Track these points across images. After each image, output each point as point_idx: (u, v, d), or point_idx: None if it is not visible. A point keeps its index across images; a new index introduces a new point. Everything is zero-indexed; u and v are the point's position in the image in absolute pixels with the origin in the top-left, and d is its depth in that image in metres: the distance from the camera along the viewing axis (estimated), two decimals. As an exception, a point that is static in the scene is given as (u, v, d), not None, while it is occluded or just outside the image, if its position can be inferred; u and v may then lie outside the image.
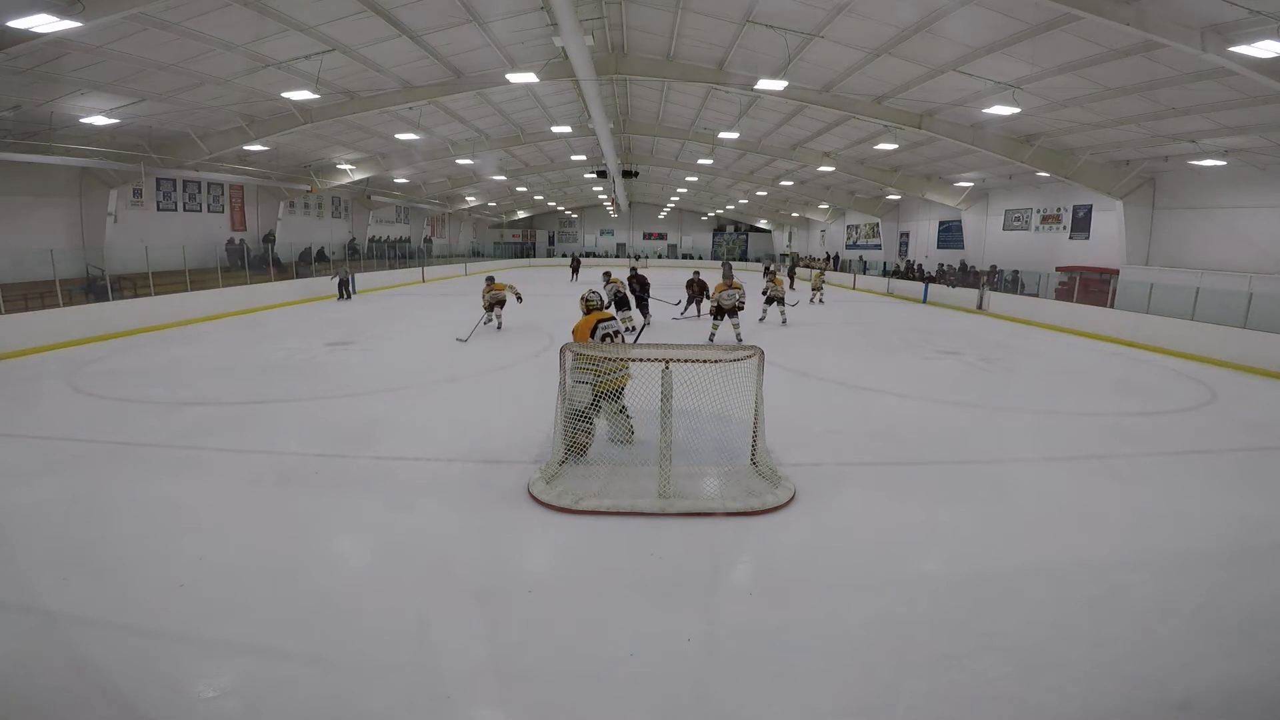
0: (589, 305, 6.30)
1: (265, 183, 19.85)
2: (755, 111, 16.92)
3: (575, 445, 5.16)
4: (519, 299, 13.14)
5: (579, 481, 4.83)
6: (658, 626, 3.18)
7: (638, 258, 43.74)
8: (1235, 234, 13.60)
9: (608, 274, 13.40)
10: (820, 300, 20.22)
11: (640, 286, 14.12)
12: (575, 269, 31.07)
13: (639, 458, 5.24)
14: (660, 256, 46.25)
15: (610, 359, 5.11)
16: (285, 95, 11.84)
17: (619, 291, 13.36)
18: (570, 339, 5.55)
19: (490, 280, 13.13)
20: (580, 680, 2.81)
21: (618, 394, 5.40)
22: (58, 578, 3.47)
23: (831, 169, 20.66)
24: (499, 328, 12.88)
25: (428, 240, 34.08)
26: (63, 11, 7.14)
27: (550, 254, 46.44)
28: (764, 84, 11.50)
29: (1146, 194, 15.32)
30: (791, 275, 31.34)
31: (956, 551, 4.06)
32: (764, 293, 15.01)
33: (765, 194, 31.86)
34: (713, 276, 13.93)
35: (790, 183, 27.27)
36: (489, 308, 12.87)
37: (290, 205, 22.25)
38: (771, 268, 21.05)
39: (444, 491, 4.84)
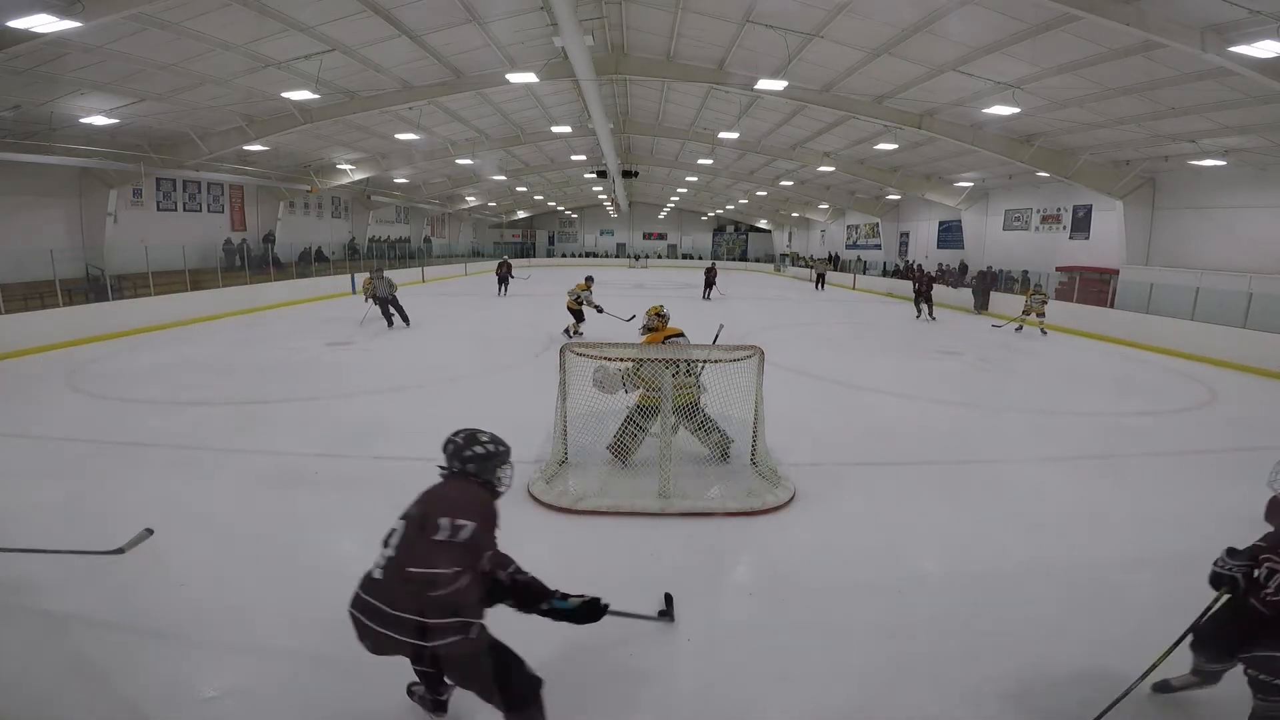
0: (661, 321, 5.97)
1: (265, 183, 19.85)
2: (755, 111, 16.91)
3: (620, 448, 5.08)
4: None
5: (579, 481, 4.83)
6: (658, 626, 3.18)
7: (637, 258, 43.73)
8: (1235, 234, 13.59)
9: (590, 279, 12.62)
10: (1041, 330, 14.27)
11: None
12: (503, 279, 20.78)
13: (639, 458, 5.23)
14: (660, 256, 46.25)
15: (675, 378, 4.88)
16: (285, 95, 11.84)
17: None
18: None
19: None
20: (580, 680, 2.81)
21: (692, 410, 5.13)
22: (58, 578, 3.47)
23: (831, 169, 20.66)
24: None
25: (427, 240, 34.06)
26: (63, 11, 7.14)
27: (550, 254, 46.38)
28: (764, 84, 11.51)
29: (1146, 194, 15.31)
30: (821, 280, 27.31)
31: (956, 551, 4.06)
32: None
33: (765, 194, 31.86)
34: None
35: (790, 183, 27.27)
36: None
37: (290, 205, 22.23)
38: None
39: (444, 491, 4.83)
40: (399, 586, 2.05)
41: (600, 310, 12.08)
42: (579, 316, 12.03)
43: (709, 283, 21.29)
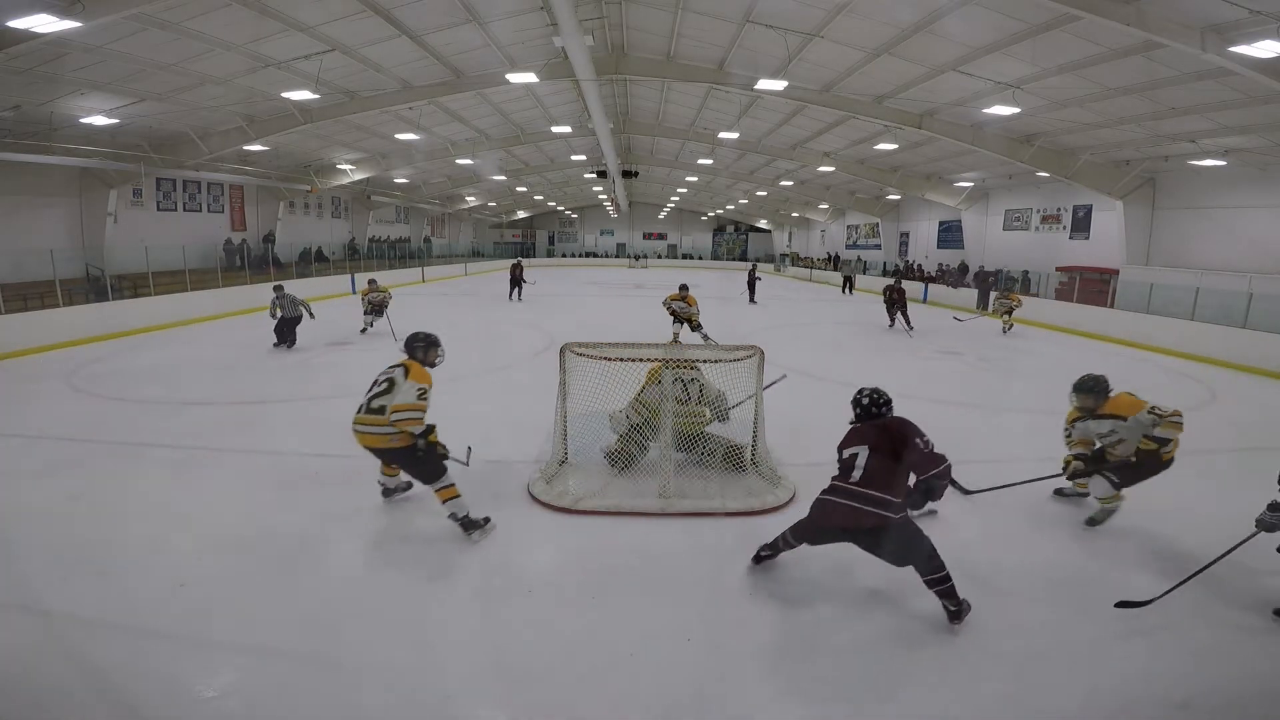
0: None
1: (265, 183, 19.85)
2: (755, 111, 16.91)
3: (624, 456, 5.03)
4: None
5: (579, 481, 4.83)
6: (658, 626, 3.18)
7: (637, 258, 43.72)
8: (1235, 234, 13.59)
9: (684, 287, 12.13)
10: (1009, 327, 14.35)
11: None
12: (516, 283, 19.46)
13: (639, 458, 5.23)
14: (660, 256, 46.24)
15: (681, 406, 4.99)
16: (285, 95, 11.85)
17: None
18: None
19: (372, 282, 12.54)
20: (580, 680, 2.81)
21: (697, 441, 5.05)
22: (58, 578, 3.47)
23: (831, 169, 20.66)
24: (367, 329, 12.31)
25: (427, 240, 34.06)
26: (63, 11, 7.15)
27: (550, 254, 46.35)
28: (764, 84, 11.51)
29: (1146, 194, 15.31)
30: (848, 284, 25.10)
31: (957, 551, 4.04)
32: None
33: (765, 194, 31.86)
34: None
35: (790, 183, 27.27)
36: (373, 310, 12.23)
37: (290, 205, 22.24)
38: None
39: (444, 491, 4.83)
40: (882, 480, 3.17)
41: (696, 328, 11.65)
42: (691, 324, 11.65)
43: (752, 285, 20.50)
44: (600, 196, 39.08)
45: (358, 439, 4.03)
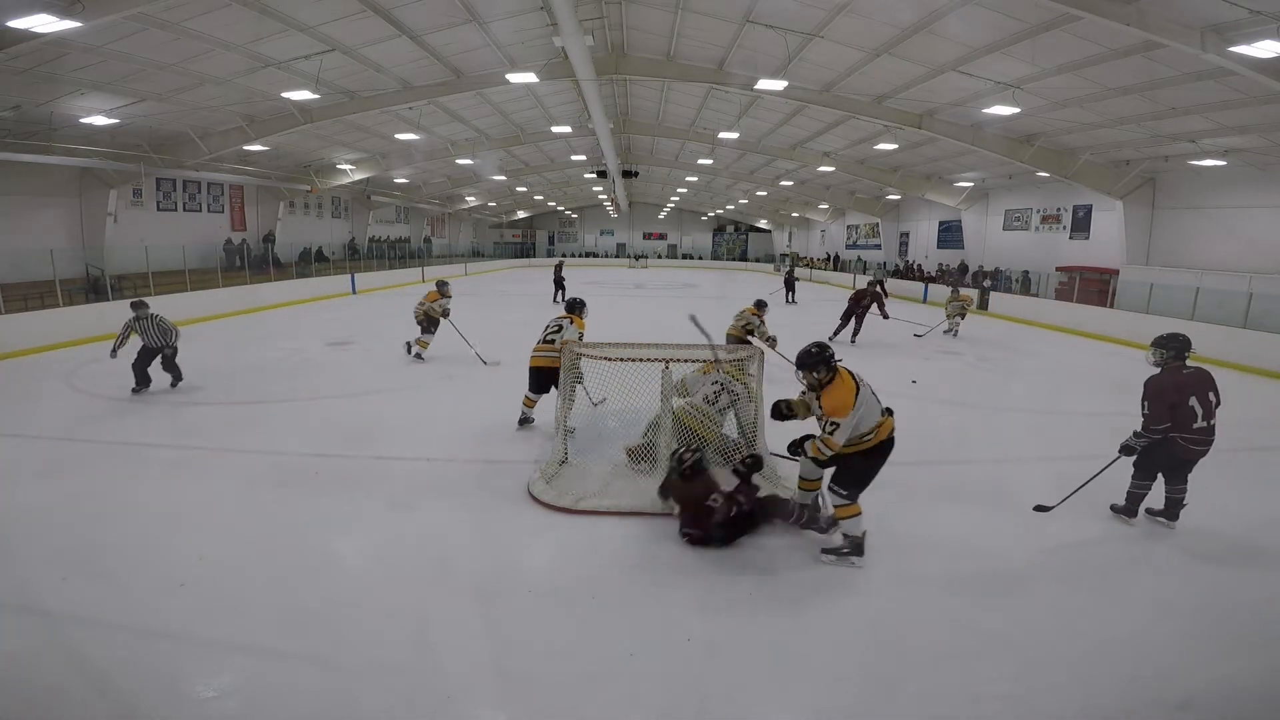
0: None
1: (265, 183, 19.84)
2: (755, 111, 16.92)
3: (649, 452, 4.98)
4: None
5: (579, 481, 4.83)
6: (658, 626, 3.19)
7: (637, 258, 43.73)
8: (1235, 234, 13.59)
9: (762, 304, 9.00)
10: (955, 332, 13.75)
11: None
12: (560, 283, 19.29)
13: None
14: (660, 256, 46.25)
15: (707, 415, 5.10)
16: (285, 95, 11.85)
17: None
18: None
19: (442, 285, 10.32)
20: (580, 680, 2.81)
21: (694, 438, 4.92)
22: (58, 578, 3.47)
23: (831, 169, 20.66)
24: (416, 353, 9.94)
25: (427, 240, 34.06)
26: (63, 11, 7.15)
27: (550, 254, 46.35)
28: (764, 84, 11.51)
29: (1146, 194, 15.31)
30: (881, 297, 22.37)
31: (956, 551, 4.06)
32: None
33: (765, 194, 31.85)
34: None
35: (790, 183, 27.27)
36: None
37: (290, 205, 22.24)
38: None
39: (444, 491, 4.84)
40: None
41: (774, 345, 8.48)
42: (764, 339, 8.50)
43: (790, 285, 20.74)
44: (600, 196, 39.07)
45: (532, 362, 5.99)
